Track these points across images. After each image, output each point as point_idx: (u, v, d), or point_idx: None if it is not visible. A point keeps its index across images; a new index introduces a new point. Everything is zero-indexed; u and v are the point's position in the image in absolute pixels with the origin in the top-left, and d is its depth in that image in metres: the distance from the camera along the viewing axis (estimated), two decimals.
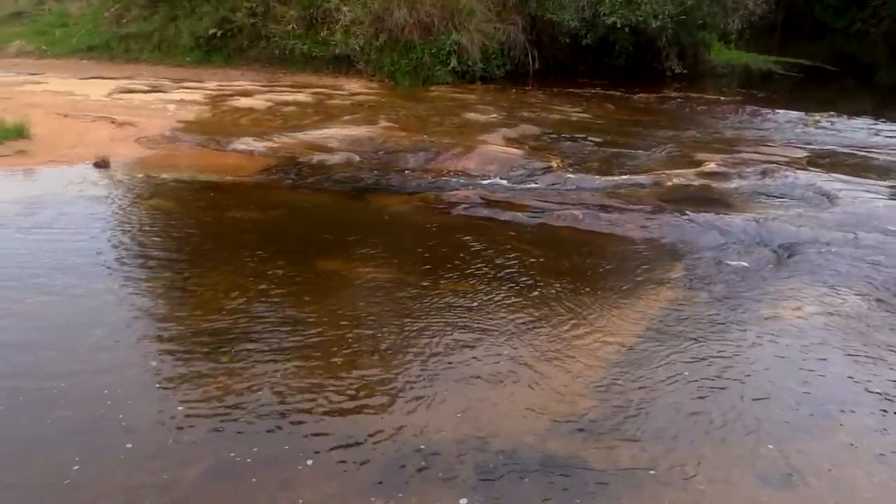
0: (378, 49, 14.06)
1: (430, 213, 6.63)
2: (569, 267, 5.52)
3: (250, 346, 4.13)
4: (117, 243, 5.69)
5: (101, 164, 7.74)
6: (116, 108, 10.71)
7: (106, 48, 15.79)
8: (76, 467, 3.07)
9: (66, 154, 8.21)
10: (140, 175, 7.57)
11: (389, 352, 4.12)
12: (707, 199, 7.15)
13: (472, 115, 11.02)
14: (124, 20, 16.07)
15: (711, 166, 8.23)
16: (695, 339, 4.35)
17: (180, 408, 3.54)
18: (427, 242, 5.91)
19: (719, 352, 4.23)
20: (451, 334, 4.31)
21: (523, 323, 4.48)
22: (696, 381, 3.91)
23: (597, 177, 7.77)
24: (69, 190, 6.93)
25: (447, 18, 13.85)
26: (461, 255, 5.59)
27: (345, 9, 14.01)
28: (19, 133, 8.63)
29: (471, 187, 7.33)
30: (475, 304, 4.73)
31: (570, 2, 14.28)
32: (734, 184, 7.67)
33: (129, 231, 5.97)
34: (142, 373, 3.85)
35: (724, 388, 3.86)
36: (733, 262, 5.55)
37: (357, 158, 8.33)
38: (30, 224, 5.96)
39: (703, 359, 4.14)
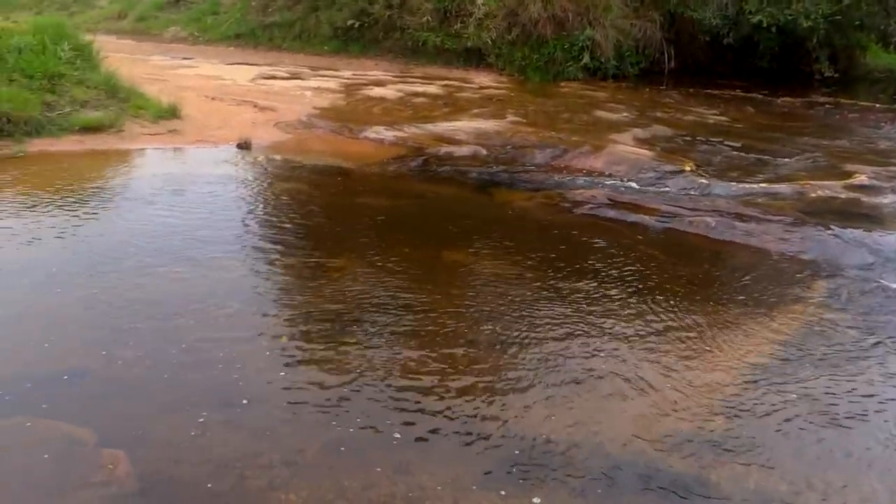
0: (510, 43, 14.03)
1: (555, 210, 6.55)
2: (698, 276, 5.30)
3: (373, 330, 4.24)
4: (255, 222, 6.01)
5: (243, 146, 8.19)
6: (258, 94, 11.30)
7: (251, 36, 16.67)
8: (194, 432, 3.27)
9: (212, 135, 8.75)
10: (277, 158, 7.95)
11: (508, 347, 4.11)
12: (855, 214, 6.65)
13: (602, 114, 10.80)
14: (269, 10, 16.89)
15: (861, 178, 7.64)
16: (836, 364, 4.06)
17: (304, 383, 3.69)
18: (550, 240, 5.85)
19: (863, 379, 3.92)
20: (571, 335, 4.24)
21: (646, 331, 4.34)
22: (835, 407, 3.65)
23: (733, 183, 7.40)
24: (214, 169, 7.40)
25: (582, 14, 13.62)
26: (584, 255, 5.50)
27: (479, 2, 14.07)
28: (173, 113, 9.28)
29: (598, 187, 7.18)
30: (597, 306, 4.63)
31: None
32: (887, 199, 7.09)
33: (266, 211, 6.29)
34: (271, 347, 4.04)
35: (865, 419, 3.58)
36: (884, 284, 5.14)
37: (484, 152, 8.37)
38: (177, 200, 6.40)
39: (843, 385, 3.85)
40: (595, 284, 4.95)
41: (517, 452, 3.19)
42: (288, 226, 5.91)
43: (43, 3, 20.56)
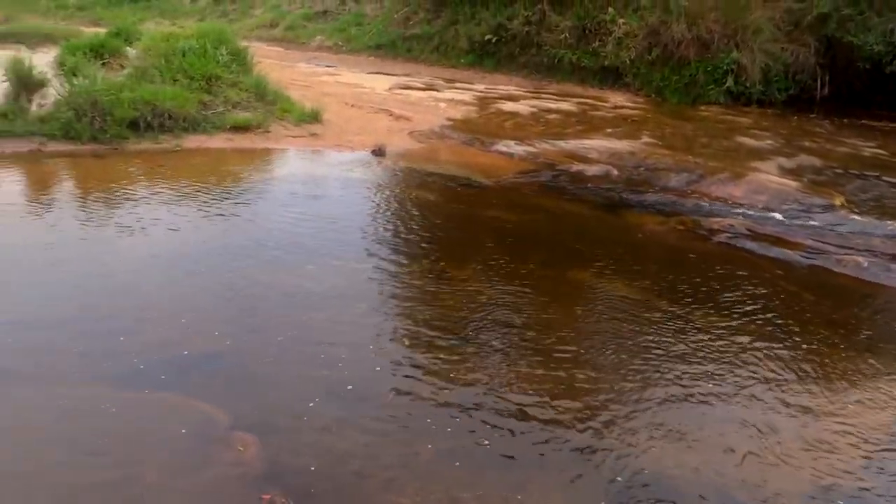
0: (648, 63, 13.69)
1: (688, 237, 6.29)
2: (846, 320, 4.90)
3: (494, 342, 4.22)
4: (385, 226, 6.16)
5: (378, 153, 8.44)
6: (395, 103, 11.63)
7: (391, 47, 17.22)
8: (318, 425, 3.35)
9: (350, 140, 9.08)
10: (410, 166, 8.14)
11: (629, 376, 3.96)
12: None
13: (744, 140, 10.29)
14: (411, 23, 17.40)
15: None
16: None
17: (423, 389, 3.72)
18: (682, 268, 5.62)
19: None
20: (699, 370, 4.04)
21: (783, 376, 4.05)
22: None
23: (889, 222, 6.82)
24: (350, 172, 7.67)
25: (729, 35, 13.06)
26: (718, 286, 5.23)
27: (620, 21, 13.83)
28: (315, 118, 9.72)
29: (736, 216, 6.83)
30: (730, 343, 4.38)
31: (877, 23, 12.69)
32: None
33: (396, 217, 6.43)
34: (393, 350, 4.11)
35: None
36: None
37: (615, 172, 8.18)
38: (314, 200, 6.68)
39: None
40: (729, 320, 4.69)
41: (633, 489, 3.06)
42: (416, 233, 6.02)
43: (206, 11, 22.20)
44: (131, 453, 3.10)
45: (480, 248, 5.80)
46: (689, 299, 4.95)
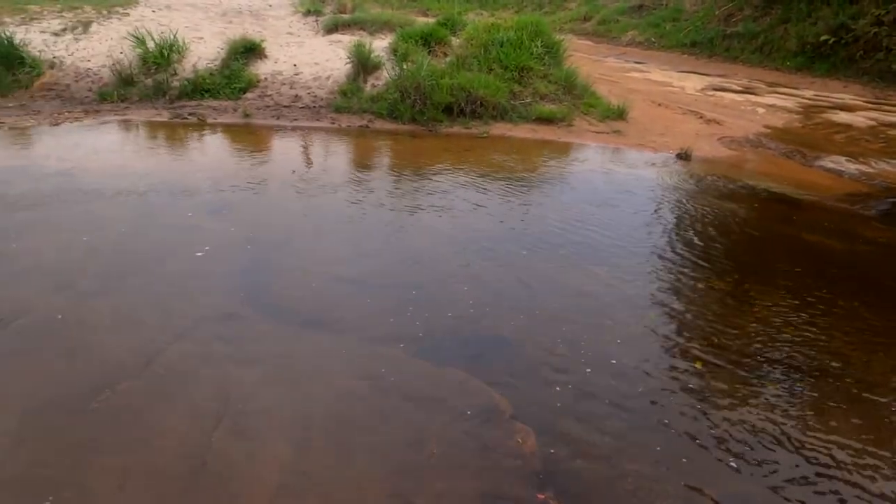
0: None
1: None
2: None
3: (797, 384, 3.73)
4: (684, 236, 5.79)
5: (683, 157, 7.99)
6: (706, 105, 10.93)
7: (708, 45, 16.23)
8: (591, 436, 3.22)
9: (653, 140, 8.72)
10: (717, 173, 7.56)
11: None
12: None
13: None
14: (733, 19, 16.22)
15: None
16: None
17: (712, 417, 3.40)
18: None
19: None
20: None
21: None
22: None
23: None
24: (650, 174, 7.36)
25: None
26: None
27: None
28: (619, 115, 9.51)
29: None
30: None
31: None
32: None
33: (697, 227, 6.01)
34: (683, 370, 3.83)
35: None
36: None
37: None
38: (610, 199, 6.51)
39: None
40: None
41: None
42: (718, 247, 5.56)
43: (523, 2, 22.96)
44: (418, 421, 3.28)
45: (792, 274, 5.17)
46: None
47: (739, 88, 12.38)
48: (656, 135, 8.97)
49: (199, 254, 5.04)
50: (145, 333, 3.96)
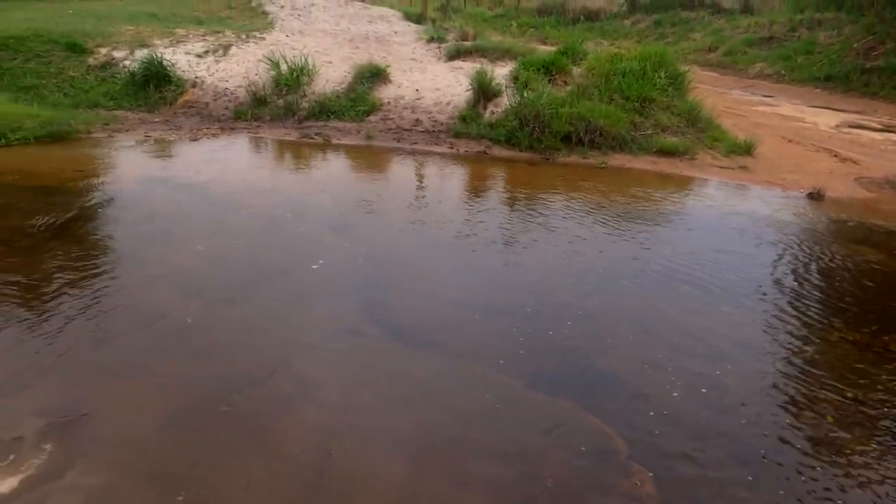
0: None
1: None
2: None
3: None
4: (813, 280, 5.47)
5: (815, 196, 7.58)
6: (841, 142, 10.33)
7: (844, 80, 15.36)
8: (731, 489, 3.06)
9: (782, 178, 8.33)
10: (852, 216, 7.12)
11: None
12: None
13: None
14: (874, 53, 15.31)
15: None
16: None
17: (842, 478, 3.17)
18: None
19: None
20: None
21: None
22: None
23: None
24: (778, 214, 7.02)
25: None
26: None
27: None
28: (746, 150, 9.15)
29: None
30: None
31: None
32: None
33: (828, 272, 5.66)
34: (813, 425, 3.60)
35: None
36: None
37: None
38: (733, 239, 6.26)
39: None
40: None
41: None
42: (854, 295, 5.22)
43: (645, 32, 22.61)
44: (533, 453, 3.24)
45: None
46: None
47: (879, 126, 11.62)
48: (786, 172, 8.56)
49: (320, 268, 5.23)
50: (270, 343, 4.15)
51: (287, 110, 10.52)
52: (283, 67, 10.97)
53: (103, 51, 12.26)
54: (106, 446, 3.20)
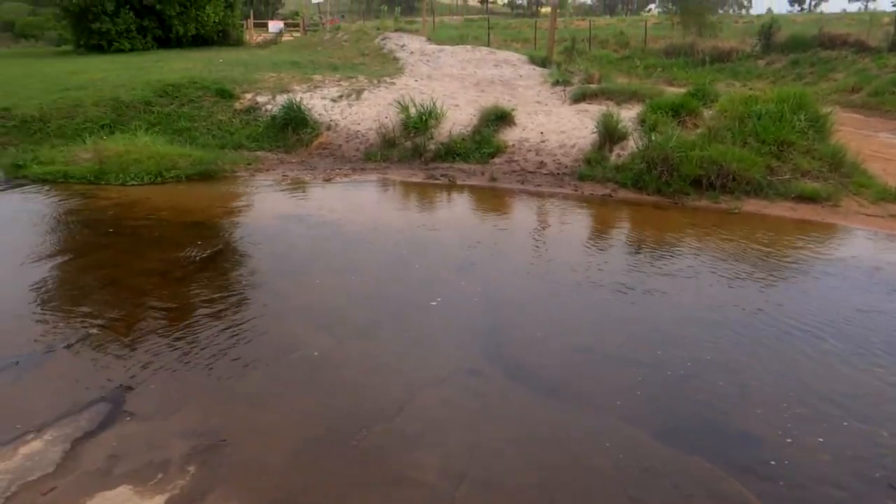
0: None
1: None
2: None
3: None
4: None
5: None
6: None
7: None
8: None
9: None
10: None
11: None
12: None
13: None
14: None
15: None
16: None
17: None
18: None
19: None
20: None
21: None
22: None
23: None
24: None
25: None
26: None
27: None
28: (894, 196, 8.50)
29: None
30: None
31: None
32: None
33: None
34: None
35: None
36: None
37: None
38: (886, 296, 5.78)
39: None
40: None
41: None
42: None
43: (781, 72, 21.67)
44: None
45: None
46: None
47: None
48: None
49: (442, 306, 5.30)
50: (396, 380, 4.23)
51: (414, 152, 10.86)
52: (412, 111, 11.36)
53: (248, 96, 13.21)
54: (243, 472, 3.36)
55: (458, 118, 11.63)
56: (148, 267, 6.11)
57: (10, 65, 19.52)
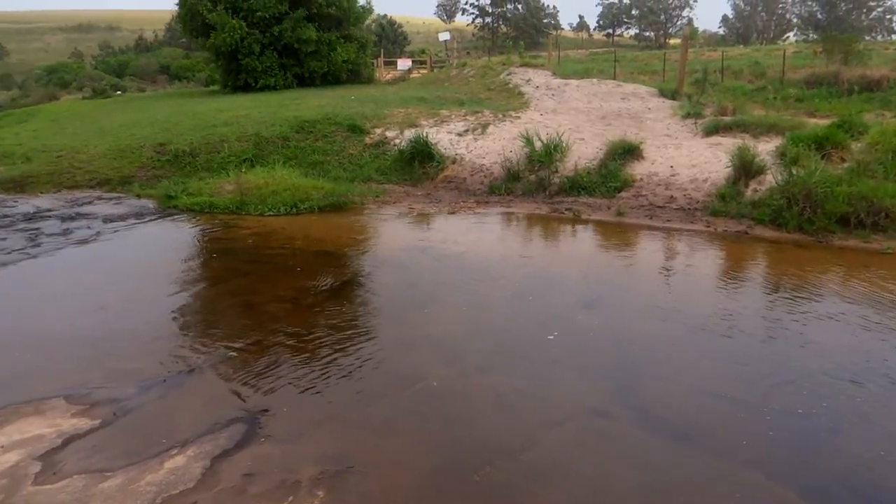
0: None
1: None
2: None
3: None
4: None
5: None
6: None
7: None
8: None
9: None
10: None
11: None
12: None
13: None
14: None
15: None
16: None
17: None
18: None
19: None
20: None
21: None
22: None
23: None
24: None
25: None
26: None
27: None
28: None
29: None
30: None
31: None
32: None
33: None
34: None
35: None
36: None
37: None
38: None
39: None
40: None
41: None
42: None
43: None
44: None
45: None
46: None
47: None
48: None
49: (568, 343, 5.19)
50: (522, 416, 4.16)
51: (539, 185, 10.83)
52: (537, 144, 11.35)
53: (378, 131, 13.71)
54: (370, 499, 3.39)
55: (584, 152, 11.50)
56: (281, 294, 6.41)
57: (166, 104, 21.36)
